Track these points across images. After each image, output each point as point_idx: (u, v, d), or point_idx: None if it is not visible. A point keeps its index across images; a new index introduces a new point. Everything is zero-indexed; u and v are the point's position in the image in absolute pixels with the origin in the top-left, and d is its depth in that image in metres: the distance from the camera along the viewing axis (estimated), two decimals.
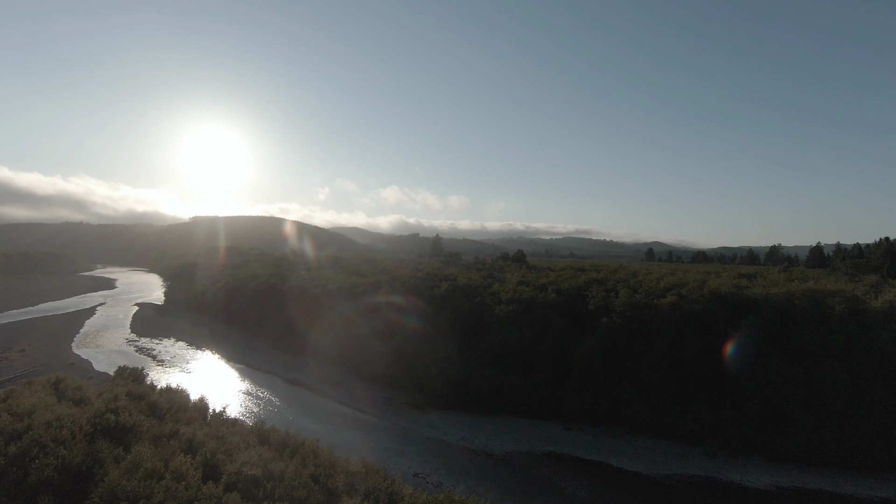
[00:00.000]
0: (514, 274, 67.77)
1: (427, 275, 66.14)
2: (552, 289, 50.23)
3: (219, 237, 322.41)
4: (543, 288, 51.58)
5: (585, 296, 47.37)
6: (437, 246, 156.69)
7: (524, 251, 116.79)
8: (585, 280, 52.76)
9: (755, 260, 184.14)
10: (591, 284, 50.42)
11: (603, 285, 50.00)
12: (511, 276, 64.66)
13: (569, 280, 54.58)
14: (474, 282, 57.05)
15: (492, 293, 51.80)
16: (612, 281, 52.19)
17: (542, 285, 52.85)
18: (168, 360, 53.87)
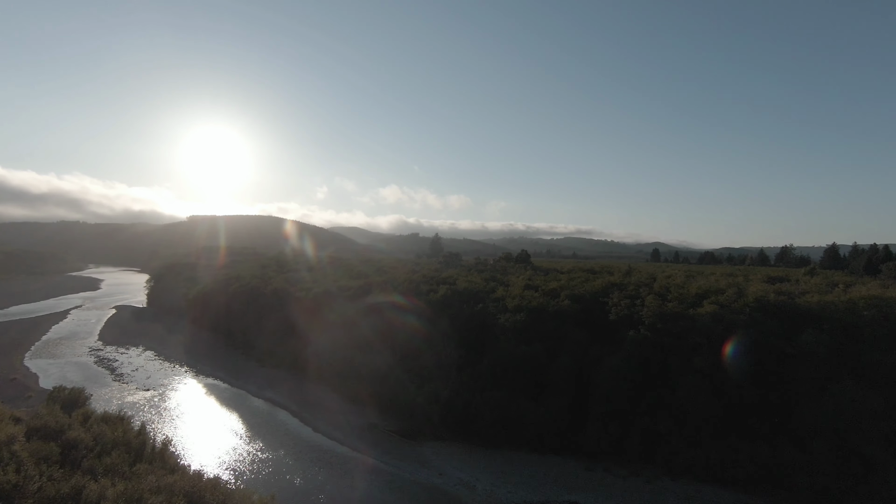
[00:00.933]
0: (520, 276, 61.20)
1: (423, 277, 59.63)
2: (565, 294, 43.66)
3: (216, 236, 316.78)
4: (555, 294, 45.02)
5: (605, 303, 40.78)
6: (436, 246, 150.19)
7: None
8: (603, 284, 46.15)
9: (766, 261, 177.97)
10: (609, 289, 43.87)
11: (623, 290, 43.42)
12: (516, 279, 58.09)
13: (583, 284, 47.99)
14: (475, 286, 50.50)
15: (496, 299, 45.23)
16: (632, 285, 45.60)
17: (553, 290, 46.28)
18: (128, 375, 47.37)
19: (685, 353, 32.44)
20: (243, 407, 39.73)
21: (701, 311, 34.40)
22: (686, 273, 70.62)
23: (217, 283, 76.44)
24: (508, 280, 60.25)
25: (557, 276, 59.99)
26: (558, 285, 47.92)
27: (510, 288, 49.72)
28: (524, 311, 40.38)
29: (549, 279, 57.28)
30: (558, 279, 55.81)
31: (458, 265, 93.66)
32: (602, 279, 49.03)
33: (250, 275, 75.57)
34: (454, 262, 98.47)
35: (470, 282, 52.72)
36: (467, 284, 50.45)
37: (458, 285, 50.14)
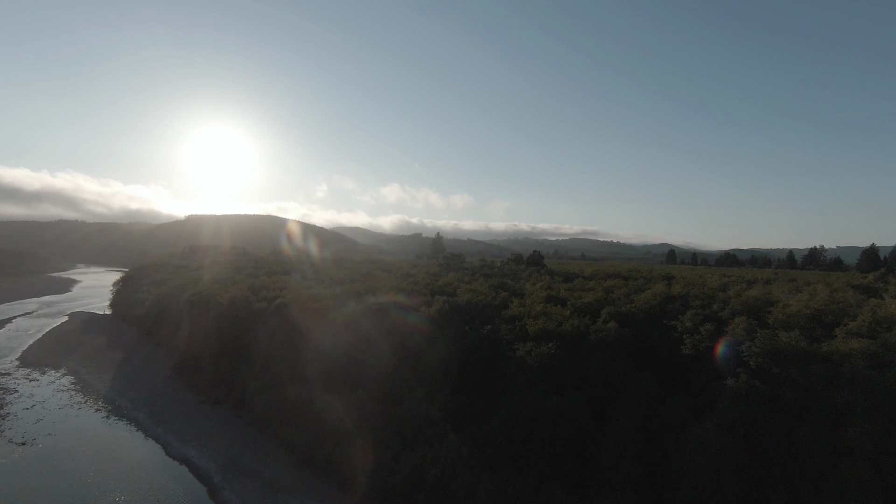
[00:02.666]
0: (537, 284, 48.66)
1: (414, 285, 47.32)
2: (608, 313, 31.19)
3: (212, 236, 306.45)
4: (592, 311, 32.57)
5: (669, 327, 28.31)
6: (437, 246, 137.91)
7: (529, 253, 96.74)
8: (656, 297, 33.56)
9: (794, 263, 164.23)
10: (669, 304, 31.37)
11: (688, 306, 30.87)
12: (533, 288, 45.60)
13: (629, 297, 35.49)
14: (481, 297, 38.04)
15: (510, 318, 32.77)
16: (697, 298, 33.04)
17: (588, 306, 33.81)
18: (12, 416, 35.30)
19: (825, 420, 19.89)
20: (145, 472, 27.53)
21: (840, 348, 21.76)
22: (738, 279, 57.94)
23: (172, 288, 64.37)
24: (523, 288, 47.79)
25: (585, 284, 47.43)
26: (594, 298, 35.40)
27: (527, 300, 37.26)
28: (552, 337, 27.89)
29: (575, 288, 44.73)
30: (589, 288, 43.26)
31: (460, 268, 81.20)
32: (652, 289, 36.39)
33: (212, 279, 63.51)
34: (456, 264, 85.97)
35: (474, 292, 40.25)
36: (470, 296, 37.93)
37: (458, 297, 37.69)
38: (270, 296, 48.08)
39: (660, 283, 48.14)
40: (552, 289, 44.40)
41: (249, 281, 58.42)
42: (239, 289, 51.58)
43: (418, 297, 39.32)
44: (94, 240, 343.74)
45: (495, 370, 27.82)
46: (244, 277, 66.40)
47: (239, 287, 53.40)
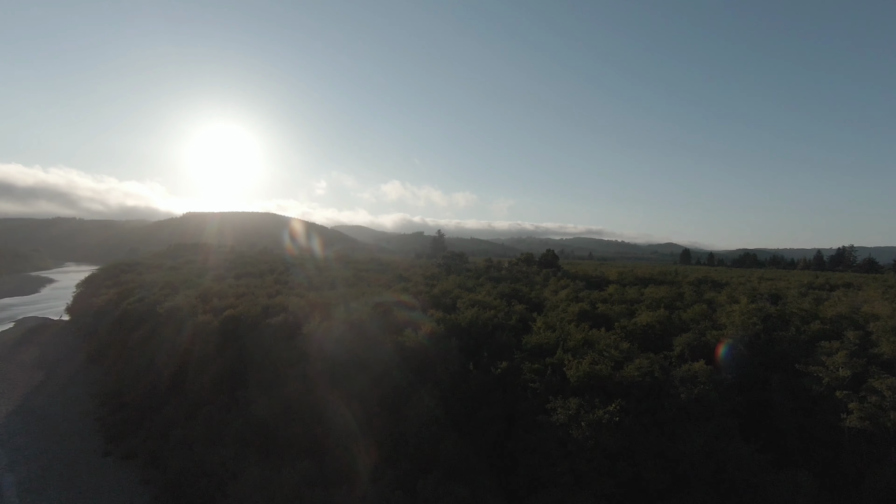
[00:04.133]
0: (560, 292, 37.95)
1: (407, 291, 36.74)
2: (685, 344, 20.53)
3: (211, 233, 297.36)
4: (655, 338, 21.88)
5: (802, 373, 17.63)
6: (437, 244, 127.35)
7: (536, 253, 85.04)
8: (750, 316, 22.75)
9: (823, 264, 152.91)
10: (778, 331, 20.67)
11: (799, 331, 20.23)
12: (555, 298, 34.94)
13: (705, 318, 24.66)
14: (490, 315, 27.23)
15: (534, 349, 22.12)
16: (816, 321, 22.36)
17: (647, 330, 23.08)
18: None
19: None
20: None
21: None
22: (804, 285, 47.31)
23: (125, 291, 54.04)
24: (541, 297, 37.16)
25: (623, 293, 36.67)
26: (653, 319, 24.55)
27: (552, 317, 26.57)
28: (610, 388, 17.25)
29: (613, 299, 34.02)
30: (632, 299, 32.56)
31: (462, 269, 70.66)
32: (738, 306, 25.42)
33: (165, 282, 53.13)
34: (457, 264, 75.29)
35: (480, 305, 29.51)
36: (475, 312, 27.08)
37: (460, 316, 26.88)
38: (222, 305, 37.58)
39: (719, 292, 37.54)
40: (581, 299, 33.77)
41: (215, 286, 47.99)
42: (182, 298, 41.08)
43: (406, 312, 28.81)
44: (87, 237, 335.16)
45: (515, 441, 17.22)
46: (212, 280, 56.31)
47: (185, 296, 42.90)
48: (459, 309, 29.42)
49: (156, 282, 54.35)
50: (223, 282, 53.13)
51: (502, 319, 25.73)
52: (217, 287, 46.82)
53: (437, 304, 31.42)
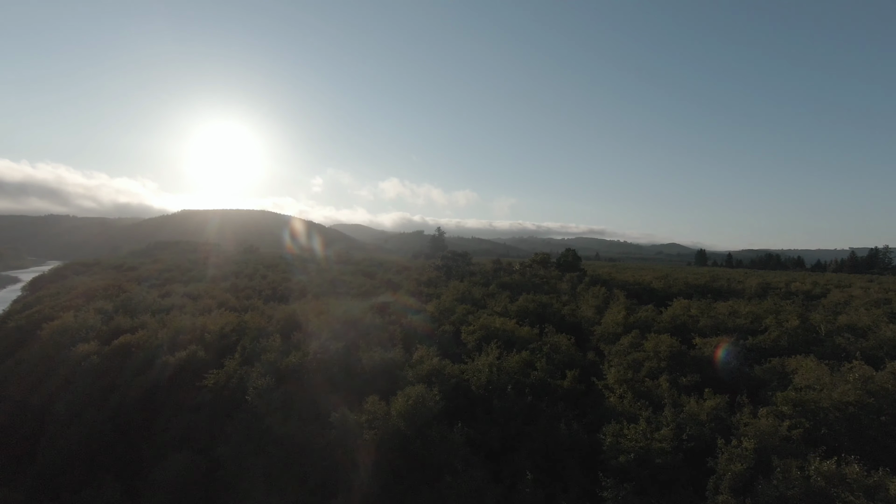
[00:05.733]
0: (611, 310, 26.35)
1: (394, 304, 25.36)
2: None
3: (204, 231, 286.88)
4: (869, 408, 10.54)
5: None
6: (437, 243, 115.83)
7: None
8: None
9: (858, 266, 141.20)
10: None
11: None
12: (609, 321, 23.40)
13: None
14: (520, 363, 15.66)
15: (631, 465, 10.78)
16: None
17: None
18: None
19: None
20: None
21: None
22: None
23: (28, 303, 42.53)
24: (582, 319, 25.75)
25: (710, 311, 25.08)
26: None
27: (623, 365, 15.18)
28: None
29: (693, 321, 22.57)
30: (713, 317, 21.08)
31: (464, 271, 59.27)
32: None
33: (89, 288, 41.67)
34: (459, 265, 63.67)
35: (501, 338, 18.00)
36: (494, 360, 15.44)
37: (469, 364, 15.24)
38: (126, 326, 25.97)
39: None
40: (649, 325, 22.36)
41: (146, 296, 36.46)
42: (95, 310, 29.56)
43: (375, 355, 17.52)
44: (75, 235, 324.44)
45: None
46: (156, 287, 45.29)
47: (102, 308, 31.30)
48: (466, 344, 18.04)
49: (75, 286, 42.97)
50: (172, 287, 41.79)
51: (544, 374, 14.26)
52: (149, 297, 35.39)
53: (428, 333, 20.03)
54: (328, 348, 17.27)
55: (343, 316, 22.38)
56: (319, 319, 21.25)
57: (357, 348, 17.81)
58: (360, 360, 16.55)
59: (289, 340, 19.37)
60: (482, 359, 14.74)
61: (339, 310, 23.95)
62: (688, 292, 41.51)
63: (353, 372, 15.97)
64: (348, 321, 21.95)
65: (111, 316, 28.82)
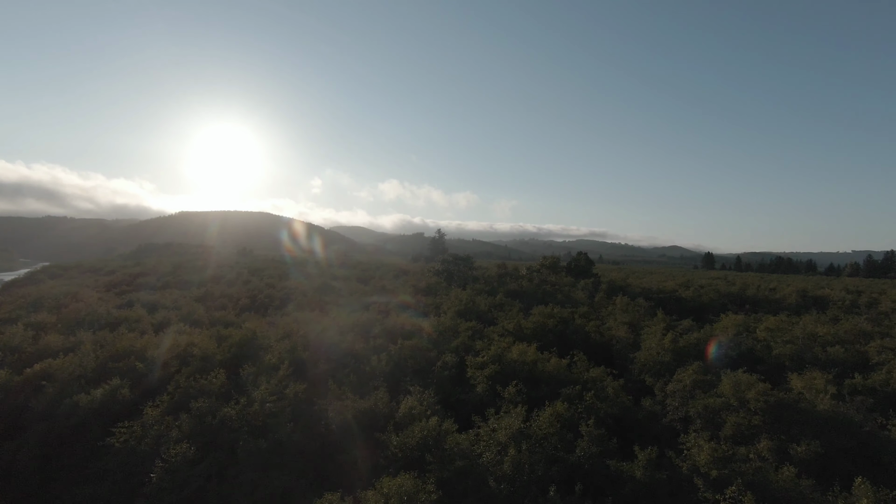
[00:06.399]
0: (654, 329, 21.50)
1: (361, 334, 20.60)
2: None
3: (203, 233, 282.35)
4: None
5: None
6: (437, 245, 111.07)
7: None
8: None
9: (874, 270, 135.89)
10: None
11: None
12: (652, 343, 18.54)
13: None
14: (556, 428, 10.93)
15: None
16: None
17: None
18: None
19: None
20: None
21: None
22: None
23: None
24: (612, 339, 20.96)
25: (780, 331, 20.25)
26: None
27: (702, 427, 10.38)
28: None
29: (745, 345, 17.70)
30: (785, 340, 16.18)
31: (467, 277, 54.48)
32: None
33: (38, 296, 36.81)
34: (461, 270, 58.82)
35: (528, 373, 13.24)
36: (518, 451, 10.80)
37: (482, 443, 10.45)
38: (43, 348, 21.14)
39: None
40: (699, 349, 17.63)
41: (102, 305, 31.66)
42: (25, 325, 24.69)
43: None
44: (72, 236, 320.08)
45: None
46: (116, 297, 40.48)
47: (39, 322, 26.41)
48: (474, 385, 13.26)
49: (29, 293, 38.19)
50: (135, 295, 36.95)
51: (595, 445, 9.45)
52: (102, 307, 30.56)
53: (424, 368, 15.23)
54: (283, 392, 12.47)
55: (317, 338, 17.58)
56: (284, 345, 16.43)
57: (326, 391, 13.03)
58: (325, 412, 11.74)
59: (238, 376, 14.58)
60: (502, 420, 9.90)
61: (314, 328, 19.14)
62: (721, 302, 36.73)
63: (315, 432, 11.16)
64: (322, 345, 17.17)
65: (42, 332, 24.04)
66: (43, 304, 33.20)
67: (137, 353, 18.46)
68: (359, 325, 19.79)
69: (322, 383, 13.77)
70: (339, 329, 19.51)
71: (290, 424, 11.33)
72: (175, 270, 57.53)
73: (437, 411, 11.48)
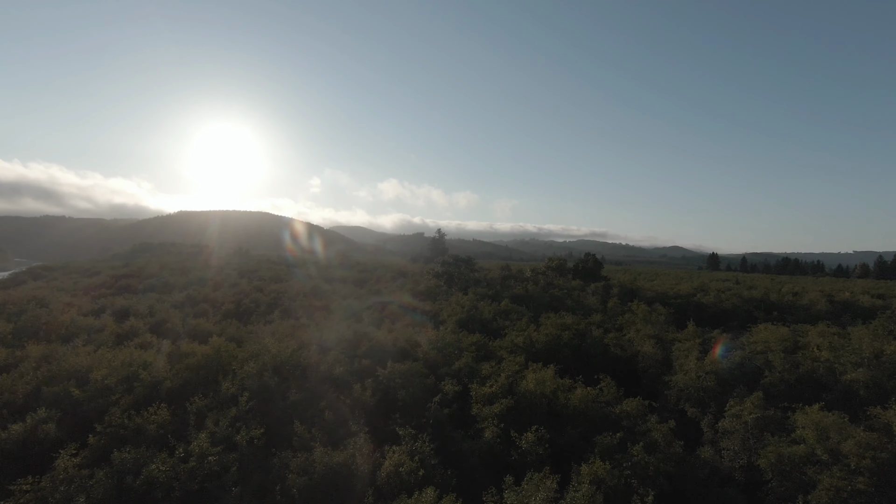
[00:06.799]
0: (686, 347, 18.60)
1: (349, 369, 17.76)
2: None
3: (204, 232, 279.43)
4: None
5: None
6: (437, 246, 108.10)
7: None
8: None
9: (886, 271, 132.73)
10: None
11: None
12: (687, 364, 15.61)
13: None
14: None
15: None
16: None
17: None
18: None
19: None
20: None
21: None
22: None
23: None
24: (637, 354, 18.04)
25: (841, 350, 17.28)
26: None
27: None
28: None
29: (804, 367, 14.72)
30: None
31: (468, 278, 51.58)
32: None
33: None
34: (462, 272, 55.92)
35: (549, 409, 10.50)
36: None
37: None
38: None
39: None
40: (737, 365, 14.71)
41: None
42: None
43: None
44: (70, 236, 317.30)
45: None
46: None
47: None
48: (482, 428, 10.44)
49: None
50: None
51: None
52: (65, 315, 27.70)
53: (418, 400, 12.39)
54: (234, 439, 9.61)
55: (291, 359, 14.69)
56: (249, 368, 13.53)
57: (291, 433, 10.16)
58: (286, 470, 8.87)
59: (185, 410, 11.70)
60: (524, 493, 7.02)
61: (290, 344, 16.24)
62: (746, 308, 33.85)
63: (269, 501, 8.27)
64: (296, 368, 14.29)
65: None
66: (3, 310, 30.37)
67: (81, 374, 15.60)
68: (344, 341, 16.89)
69: (289, 422, 10.89)
70: (321, 345, 16.63)
71: (237, 489, 8.45)
72: (161, 272, 54.66)
73: (433, 469, 8.61)
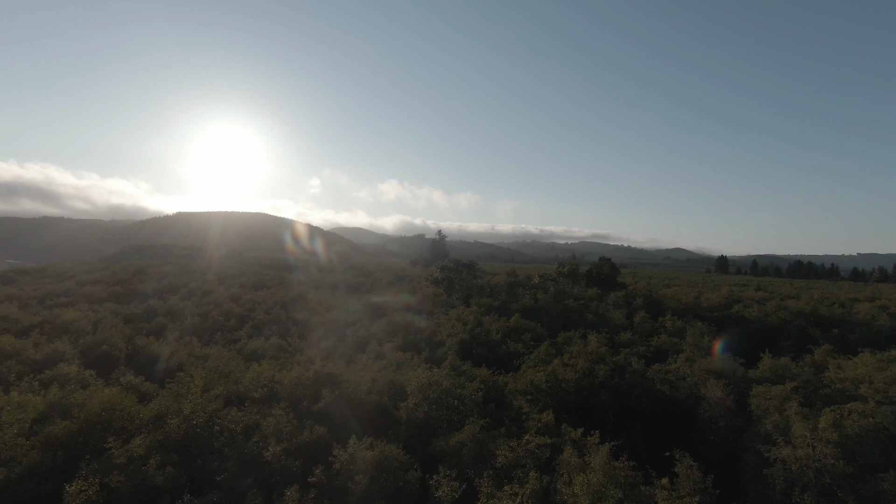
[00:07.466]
0: (764, 385, 13.81)
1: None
2: None
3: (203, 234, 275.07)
4: None
5: None
6: (438, 248, 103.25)
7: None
8: None
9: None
10: None
11: None
12: (799, 429, 10.80)
13: None
14: None
15: None
16: None
17: None
18: None
19: None
20: None
21: None
22: None
23: None
24: (699, 407, 13.19)
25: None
26: None
27: None
28: None
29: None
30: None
31: (470, 285, 46.76)
32: None
33: None
34: (465, 279, 50.97)
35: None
36: None
37: None
38: None
39: None
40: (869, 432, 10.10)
41: None
42: None
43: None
44: (66, 237, 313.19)
45: None
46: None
47: None
48: None
49: None
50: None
51: None
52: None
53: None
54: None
55: (206, 426, 9.96)
56: (135, 447, 8.82)
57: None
58: None
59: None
60: None
61: (207, 407, 11.43)
62: (797, 324, 29.01)
63: None
64: (222, 433, 9.58)
65: None
66: None
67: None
68: (301, 387, 12.10)
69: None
70: (268, 392, 11.84)
71: None
72: (132, 278, 49.90)
73: None
